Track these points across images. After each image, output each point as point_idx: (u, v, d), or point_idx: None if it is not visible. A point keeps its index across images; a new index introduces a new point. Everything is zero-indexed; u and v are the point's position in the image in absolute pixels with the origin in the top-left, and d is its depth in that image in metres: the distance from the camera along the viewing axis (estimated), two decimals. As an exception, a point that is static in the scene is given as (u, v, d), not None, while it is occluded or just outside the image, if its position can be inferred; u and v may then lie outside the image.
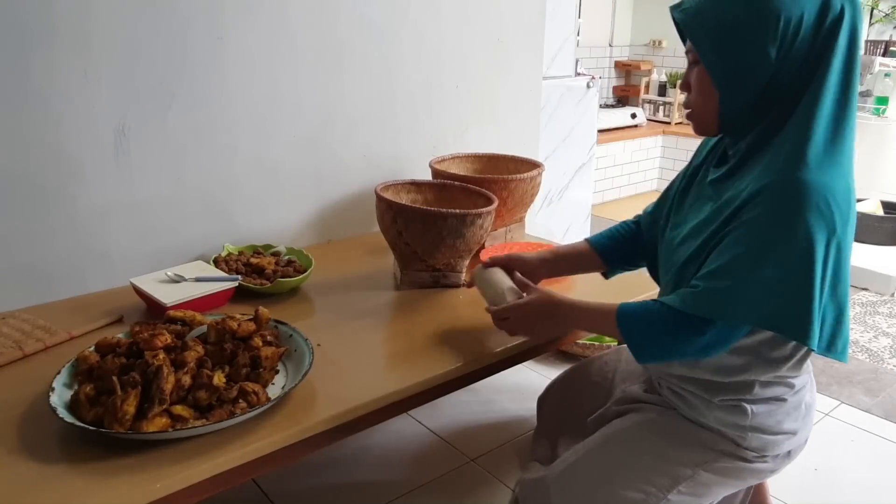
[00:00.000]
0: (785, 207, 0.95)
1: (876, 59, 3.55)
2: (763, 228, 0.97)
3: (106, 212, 1.61)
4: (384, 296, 1.62)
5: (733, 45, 0.99)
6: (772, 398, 1.12)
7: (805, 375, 1.15)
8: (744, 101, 1.02)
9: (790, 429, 1.14)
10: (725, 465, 1.15)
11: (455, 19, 2.15)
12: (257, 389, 1.10)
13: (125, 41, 1.53)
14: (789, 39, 0.97)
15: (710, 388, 1.13)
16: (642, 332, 1.09)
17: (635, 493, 1.15)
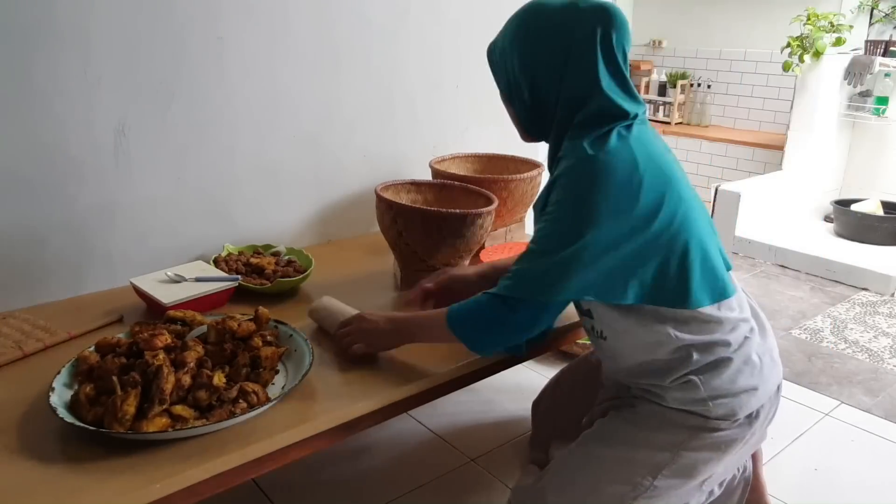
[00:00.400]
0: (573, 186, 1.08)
1: (876, 59, 3.54)
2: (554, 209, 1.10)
3: (106, 212, 1.60)
4: (384, 296, 1.62)
5: (503, 69, 1.20)
6: (714, 361, 1.14)
7: (740, 329, 1.16)
8: (522, 113, 1.21)
9: (748, 385, 1.15)
10: (702, 441, 1.17)
11: (455, 19, 2.15)
12: (257, 389, 1.10)
13: (125, 41, 1.53)
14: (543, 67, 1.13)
15: (659, 373, 1.16)
16: (468, 324, 1.17)
17: (622, 487, 1.17)
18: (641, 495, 1.17)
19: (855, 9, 3.80)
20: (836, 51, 3.60)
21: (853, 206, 3.58)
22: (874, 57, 3.57)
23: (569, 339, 1.56)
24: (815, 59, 3.53)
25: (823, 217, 3.93)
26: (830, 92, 3.65)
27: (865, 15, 3.85)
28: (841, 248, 3.39)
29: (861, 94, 3.71)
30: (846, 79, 3.65)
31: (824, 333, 2.61)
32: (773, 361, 1.21)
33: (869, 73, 3.55)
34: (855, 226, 3.51)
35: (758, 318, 1.25)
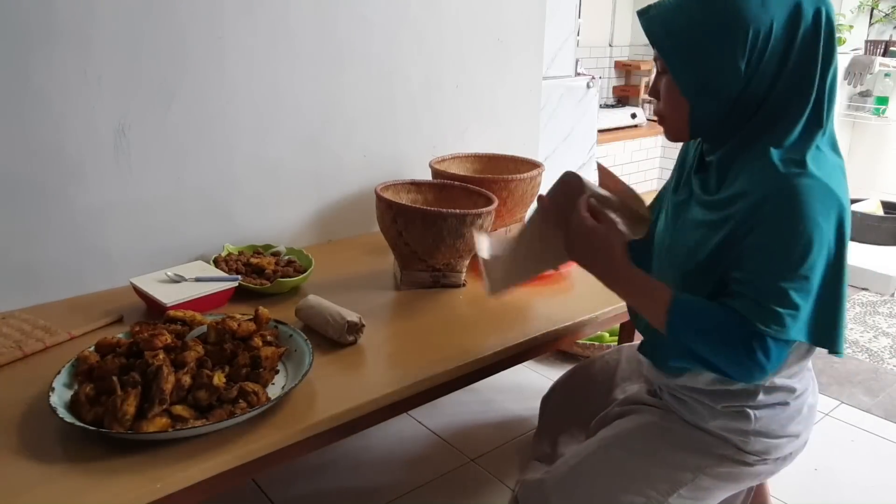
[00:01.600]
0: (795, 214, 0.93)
1: (876, 59, 3.54)
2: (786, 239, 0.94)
3: (106, 212, 1.60)
4: (384, 296, 1.62)
5: (701, 58, 0.97)
6: (775, 403, 1.11)
7: (806, 379, 1.15)
8: (715, 111, 1.00)
9: (793, 432, 1.14)
10: (727, 470, 1.15)
11: (455, 19, 2.15)
12: (257, 389, 1.10)
13: (125, 41, 1.53)
14: (759, 51, 0.95)
15: (714, 396, 1.13)
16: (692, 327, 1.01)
17: (635, 497, 1.14)
18: None
19: (855, 9, 3.80)
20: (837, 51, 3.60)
21: (853, 206, 3.58)
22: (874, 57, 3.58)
23: (569, 339, 1.56)
24: (815, 59, 3.53)
25: (823, 217, 3.93)
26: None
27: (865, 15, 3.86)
28: (841, 248, 3.39)
29: (861, 94, 3.71)
30: (846, 79, 3.65)
31: (824, 333, 2.61)
32: (814, 413, 1.20)
33: (869, 73, 3.56)
34: (855, 226, 3.50)
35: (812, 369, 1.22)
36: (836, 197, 0.95)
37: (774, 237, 0.95)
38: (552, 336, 1.45)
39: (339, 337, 1.33)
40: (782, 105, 0.97)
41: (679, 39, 0.98)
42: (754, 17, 0.94)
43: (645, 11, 1.02)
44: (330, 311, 1.35)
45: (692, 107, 1.01)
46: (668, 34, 0.99)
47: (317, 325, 1.36)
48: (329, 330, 1.34)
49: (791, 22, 0.95)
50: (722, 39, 0.95)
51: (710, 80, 0.98)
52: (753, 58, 0.95)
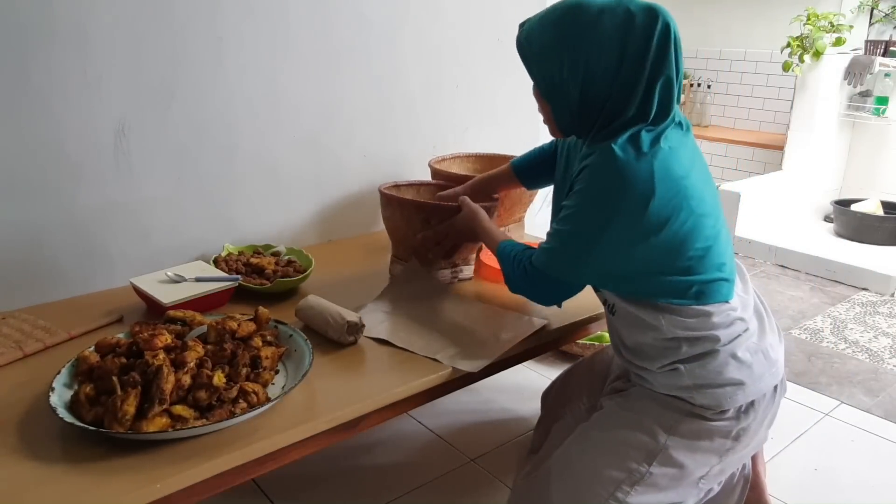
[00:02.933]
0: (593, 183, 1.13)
1: (876, 59, 3.54)
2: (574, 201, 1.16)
3: (106, 212, 1.61)
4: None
5: (546, 66, 1.16)
6: (701, 353, 1.17)
7: (735, 326, 1.18)
8: (568, 111, 1.18)
9: (734, 379, 1.17)
10: (689, 426, 1.19)
11: (455, 19, 2.15)
12: (257, 389, 1.10)
13: (125, 41, 1.53)
14: (594, 62, 1.10)
15: (649, 358, 1.22)
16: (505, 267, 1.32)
17: (618, 473, 1.20)
18: (638, 482, 1.19)
19: (855, 9, 3.80)
20: (836, 51, 3.60)
21: (853, 206, 3.58)
22: (874, 57, 3.57)
23: (569, 339, 1.56)
24: (815, 59, 3.53)
25: (823, 217, 3.93)
26: (830, 92, 3.65)
27: (865, 15, 3.85)
28: (841, 248, 3.39)
29: (861, 94, 3.71)
30: (846, 79, 3.65)
31: (824, 333, 2.61)
32: (769, 361, 1.22)
33: (869, 73, 3.56)
34: (855, 226, 3.51)
35: (760, 319, 1.27)
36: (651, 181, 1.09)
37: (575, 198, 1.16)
38: (552, 336, 1.45)
39: (339, 337, 1.33)
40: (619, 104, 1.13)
41: (530, 50, 1.18)
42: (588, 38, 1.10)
43: (521, 25, 1.20)
44: (330, 311, 1.35)
45: (552, 107, 1.21)
46: (524, 44, 1.18)
47: (317, 325, 1.36)
48: (329, 330, 1.34)
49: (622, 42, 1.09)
50: (560, 53, 1.12)
51: (555, 85, 1.16)
52: (590, 67, 1.11)
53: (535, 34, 1.16)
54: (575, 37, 1.11)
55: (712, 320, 1.16)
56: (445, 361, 1.28)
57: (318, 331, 1.36)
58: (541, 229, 1.53)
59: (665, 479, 1.20)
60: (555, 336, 1.46)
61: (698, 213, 1.13)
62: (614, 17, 1.09)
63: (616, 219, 1.10)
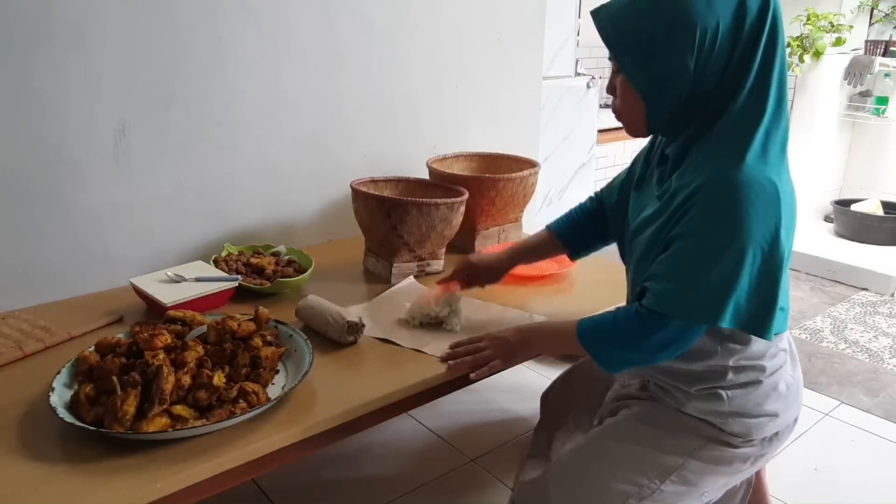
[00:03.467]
0: (716, 208, 0.98)
1: (876, 59, 3.54)
2: (697, 228, 1.00)
3: (106, 212, 1.60)
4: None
5: (651, 58, 1.00)
6: (746, 382, 1.14)
7: (778, 358, 1.17)
8: (667, 108, 1.03)
9: (771, 411, 1.15)
10: (713, 453, 1.17)
11: (455, 19, 2.15)
12: (257, 389, 1.10)
13: (125, 41, 1.53)
14: (707, 48, 0.97)
15: (687, 379, 1.16)
16: (602, 340, 1.13)
17: (628, 486, 1.16)
18: (646, 498, 1.16)
19: (855, 9, 3.80)
20: (836, 51, 3.60)
21: (853, 206, 3.58)
22: (874, 57, 3.57)
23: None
24: (815, 59, 3.53)
25: (823, 217, 3.93)
26: (830, 92, 3.65)
27: (865, 15, 3.85)
28: (841, 248, 3.39)
29: (861, 94, 3.71)
30: (846, 79, 3.65)
31: (824, 333, 2.61)
32: (798, 393, 1.21)
33: (869, 73, 3.55)
34: (855, 226, 3.51)
35: (791, 350, 1.24)
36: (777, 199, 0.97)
37: (697, 225, 0.99)
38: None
39: (339, 337, 1.33)
40: (726, 98, 1.00)
41: (629, 40, 1.01)
42: (701, 16, 0.96)
43: (597, 11, 1.04)
44: (330, 311, 1.35)
45: (646, 104, 1.04)
46: (619, 35, 1.02)
47: (317, 325, 1.36)
48: (329, 330, 1.34)
49: (736, 18, 0.97)
50: (670, 40, 0.97)
51: (661, 79, 1.00)
52: (702, 56, 0.98)
53: (631, 21, 1.00)
54: (686, 22, 0.96)
55: (761, 350, 1.13)
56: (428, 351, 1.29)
57: (318, 331, 1.36)
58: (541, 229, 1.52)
59: (675, 496, 1.18)
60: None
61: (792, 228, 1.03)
62: None
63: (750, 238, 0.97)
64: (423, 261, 1.70)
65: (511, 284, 1.68)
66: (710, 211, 0.98)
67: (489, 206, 1.85)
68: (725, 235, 0.98)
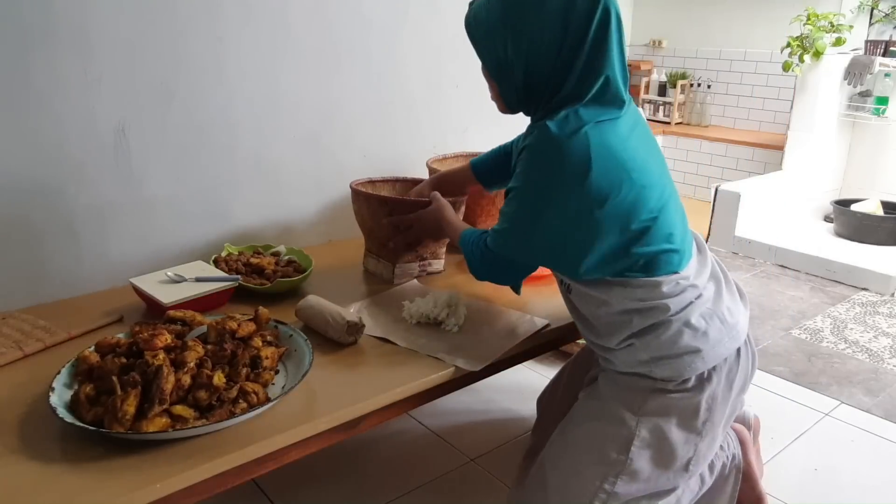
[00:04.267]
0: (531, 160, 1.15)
1: (876, 59, 3.54)
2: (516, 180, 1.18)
3: (106, 212, 1.61)
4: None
5: (491, 47, 1.18)
6: (653, 325, 1.17)
7: (686, 294, 1.18)
8: (513, 89, 1.20)
9: (689, 347, 1.16)
10: (656, 403, 1.19)
11: (455, 19, 2.14)
12: (257, 389, 1.10)
13: (125, 41, 1.53)
14: (536, 42, 1.12)
15: (605, 335, 1.23)
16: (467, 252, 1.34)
17: (600, 466, 1.20)
18: (621, 473, 1.18)
19: (855, 9, 3.80)
20: (836, 51, 3.60)
21: (853, 206, 3.58)
22: (874, 57, 3.57)
23: (569, 339, 1.56)
24: (815, 59, 3.53)
25: (823, 217, 3.93)
26: (830, 92, 3.65)
27: (865, 15, 3.85)
28: (841, 248, 3.39)
29: (861, 94, 3.71)
30: (846, 79, 3.65)
31: (824, 333, 2.61)
32: (726, 325, 1.20)
33: (869, 73, 3.55)
34: (855, 226, 3.51)
35: (718, 283, 1.26)
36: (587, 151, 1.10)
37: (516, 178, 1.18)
38: (552, 336, 1.45)
39: (339, 337, 1.33)
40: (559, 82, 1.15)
41: (477, 29, 1.20)
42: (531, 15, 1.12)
43: (470, 5, 1.22)
44: (330, 312, 1.35)
45: (499, 86, 1.24)
46: (471, 24, 1.20)
47: (317, 325, 1.36)
48: (329, 330, 1.34)
49: (563, 17, 1.11)
50: (505, 33, 1.14)
51: (501, 63, 1.18)
52: (533, 46, 1.13)
53: (482, 13, 1.18)
54: (519, 16, 1.13)
55: (661, 290, 1.16)
56: (447, 360, 1.28)
57: (318, 331, 1.36)
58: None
59: (647, 464, 1.19)
60: (555, 336, 1.46)
61: (640, 184, 1.13)
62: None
63: (556, 194, 1.12)
64: (425, 261, 1.70)
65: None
66: (527, 166, 1.15)
67: (489, 206, 1.85)
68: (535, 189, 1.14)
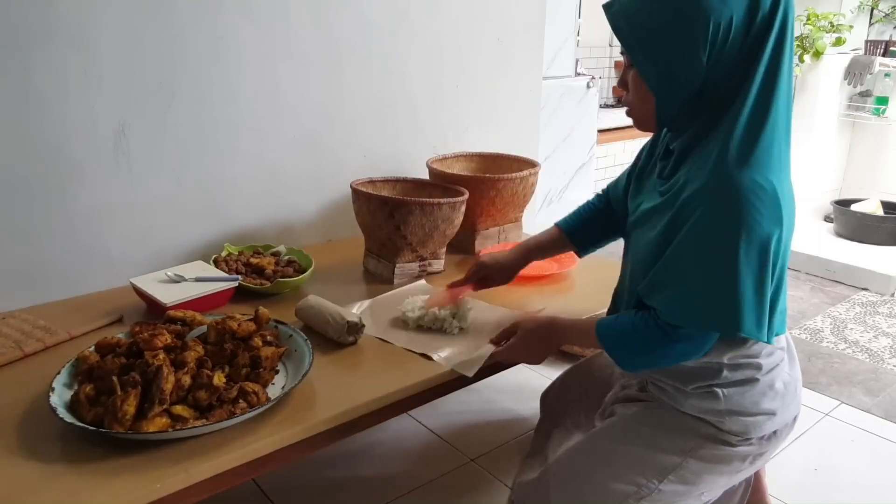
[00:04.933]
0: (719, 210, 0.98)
1: (876, 59, 3.54)
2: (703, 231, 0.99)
3: (106, 212, 1.60)
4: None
5: (664, 51, 0.99)
6: (742, 380, 1.13)
7: (775, 356, 1.16)
8: (678, 102, 1.03)
9: (768, 409, 1.15)
10: (711, 451, 1.16)
11: (455, 19, 2.15)
12: (257, 389, 1.10)
13: (125, 41, 1.53)
14: (720, 42, 0.97)
15: (683, 377, 1.16)
16: (620, 343, 1.14)
17: (626, 486, 1.16)
18: (645, 497, 1.16)
19: (855, 9, 3.80)
20: (836, 51, 3.60)
21: (853, 206, 3.58)
22: (874, 57, 3.57)
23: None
24: (815, 59, 3.53)
25: (823, 217, 3.93)
26: (830, 92, 3.65)
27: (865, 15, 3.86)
28: (841, 248, 3.39)
29: (861, 94, 3.71)
30: (846, 79, 3.65)
31: (824, 333, 2.61)
32: (796, 392, 1.20)
33: (869, 73, 3.56)
34: (855, 226, 3.51)
35: (789, 348, 1.24)
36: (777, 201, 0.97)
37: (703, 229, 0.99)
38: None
39: (339, 337, 1.33)
40: (733, 94, 0.99)
41: (642, 35, 1.00)
42: (715, 10, 0.95)
43: (610, 5, 1.04)
44: (330, 311, 1.35)
45: (657, 99, 1.04)
46: (631, 29, 1.01)
47: (317, 325, 1.36)
48: (329, 330, 1.34)
49: (749, 13, 0.97)
50: (683, 34, 0.97)
51: (674, 74, 1.00)
52: (714, 51, 0.97)
53: (644, 14, 0.99)
54: (700, 15, 0.95)
55: (757, 348, 1.13)
56: (442, 363, 1.28)
57: (318, 331, 1.36)
58: (541, 229, 1.52)
59: (674, 495, 1.17)
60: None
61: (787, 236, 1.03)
62: None
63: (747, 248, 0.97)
64: (425, 261, 1.70)
65: (511, 284, 1.68)
66: (714, 213, 0.98)
67: (489, 207, 1.85)
68: (729, 239, 0.97)
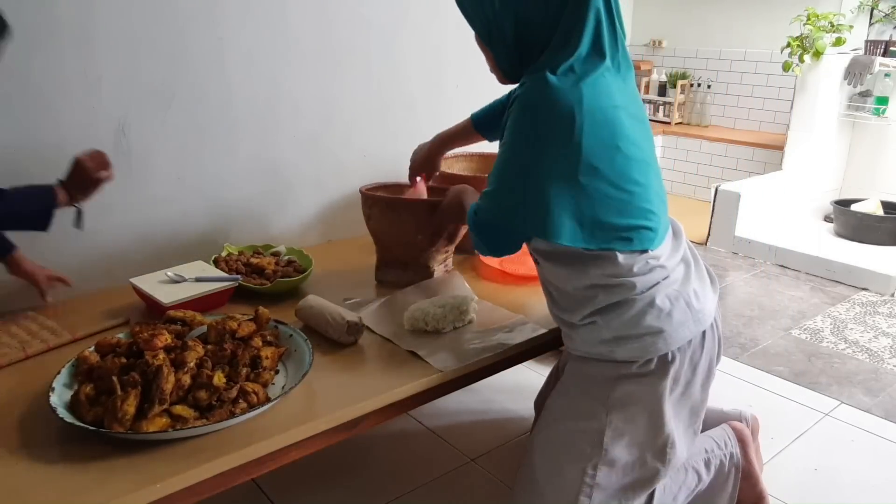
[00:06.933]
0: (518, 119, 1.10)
1: (876, 59, 3.54)
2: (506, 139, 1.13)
3: (106, 212, 1.60)
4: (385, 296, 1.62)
5: (480, 8, 1.15)
6: (618, 302, 1.15)
7: (653, 273, 1.15)
8: (506, 54, 1.17)
9: (651, 327, 1.14)
10: (624, 390, 1.18)
11: (455, 19, 2.14)
12: (257, 389, 1.10)
13: (125, 41, 1.53)
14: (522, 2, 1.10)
15: (570, 310, 1.20)
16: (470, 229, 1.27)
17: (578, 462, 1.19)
18: (599, 463, 1.17)
19: (855, 9, 3.80)
20: (836, 51, 3.60)
21: (853, 206, 3.58)
22: (874, 57, 3.57)
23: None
24: (815, 59, 3.53)
25: (823, 217, 3.93)
26: (830, 92, 3.65)
27: (865, 15, 3.85)
28: (841, 248, 3.39)
29: (861, 94, 3.71)
30: (846, 79, 3.65)
31: (824, 333, 2.61)
32: (691, 307, 1.18)
33: (869, 73, 3.55)
34: (855, 226, 3.51)
35: (687, 266, 1.23)
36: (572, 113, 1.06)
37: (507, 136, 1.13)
38: (552, 336, 1.45)
39: (339, 337, 1.33)
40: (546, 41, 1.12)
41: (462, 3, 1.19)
42: None
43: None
44: (330, 312, 1.35)
45: (493, 52, 1.20)
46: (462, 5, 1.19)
47: (317, 325, 1.36)
48: (329, 330, 1.34)
49: None
50: None
51: (491, 25, 1.15)
52: (520, 8, 1.11)
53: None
54: None
55: (630, 268, 1.14)
56: (429, 360, 1.29)
57: (318, 331, 1.36)
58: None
59: (623, 451, 1.18)
60: (555, 336, 1.46)
61: (627, 154, 1.10)
62: None
63: (547, 148, 1.08)
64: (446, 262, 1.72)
65: (511, 284, 1.69)
66: (517, 118, 1.10)
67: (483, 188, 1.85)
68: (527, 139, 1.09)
